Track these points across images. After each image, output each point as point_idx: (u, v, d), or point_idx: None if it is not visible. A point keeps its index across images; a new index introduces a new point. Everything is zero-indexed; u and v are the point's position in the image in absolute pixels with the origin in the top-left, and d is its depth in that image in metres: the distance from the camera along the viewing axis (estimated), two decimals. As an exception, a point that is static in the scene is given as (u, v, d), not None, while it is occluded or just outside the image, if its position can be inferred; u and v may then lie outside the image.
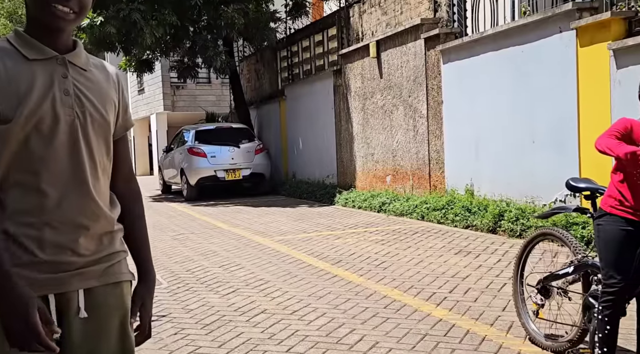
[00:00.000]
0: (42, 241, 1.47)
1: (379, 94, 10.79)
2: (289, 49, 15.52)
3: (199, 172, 13.57)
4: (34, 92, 1.46)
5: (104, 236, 1.58)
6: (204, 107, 21.28)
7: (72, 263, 1.51)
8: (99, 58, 1.70)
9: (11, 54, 1.48)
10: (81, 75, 1.56)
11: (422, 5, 9.93)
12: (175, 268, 6.27)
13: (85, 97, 1.54)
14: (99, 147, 1.57)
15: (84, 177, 1.52)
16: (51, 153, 1.48)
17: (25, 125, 1.45)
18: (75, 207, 1.51)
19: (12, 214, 1.46)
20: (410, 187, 9.97)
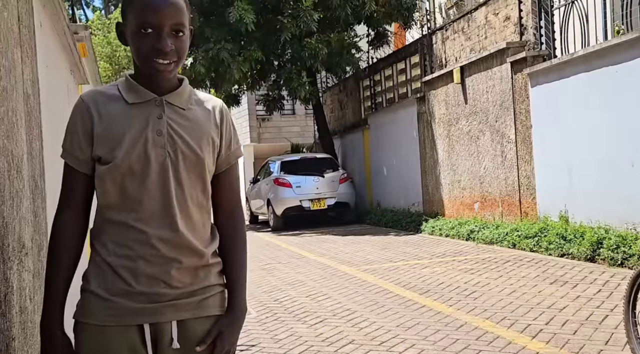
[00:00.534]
0: (137, 272, 1.54)
1: (464, 120, 10.60)
2: (371, 78, 15.59)
3: (285, 203, 13.74)
4: (128, 135, 1.55)
5: (198, 269, 1.62)
6: (289, 138, 21.65)
7: (165, 295, 1.56)
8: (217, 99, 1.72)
9: (116, 99, 1.59)
10: (178, 114, 1.61)
11: (507, 29, 9.75)
12: (264, 298, 6.32)
13: (178, 136, 1.59)
14: (192, 184, 1.61)
15: (173, 214, 1.57)
16: (144, 192, 1.56)
17: (121, 167, 1.54)
18: (166, 242, 1.56)
19: (112, 246, 1.56)
20: (499, 214, 9.68)
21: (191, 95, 1.67)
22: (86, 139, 1.57)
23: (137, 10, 1.54)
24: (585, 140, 7.75)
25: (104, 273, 1.55)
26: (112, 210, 1.57)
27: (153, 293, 1.55)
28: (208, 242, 1.66)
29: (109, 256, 1.55)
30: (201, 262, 1.62)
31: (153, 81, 1.60)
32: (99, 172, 1.56)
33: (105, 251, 1.56)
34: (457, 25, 11.37)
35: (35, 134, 2.69)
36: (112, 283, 1.54)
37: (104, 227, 1.58)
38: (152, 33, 1.54)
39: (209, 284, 1.64)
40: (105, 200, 1.57)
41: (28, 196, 2.36)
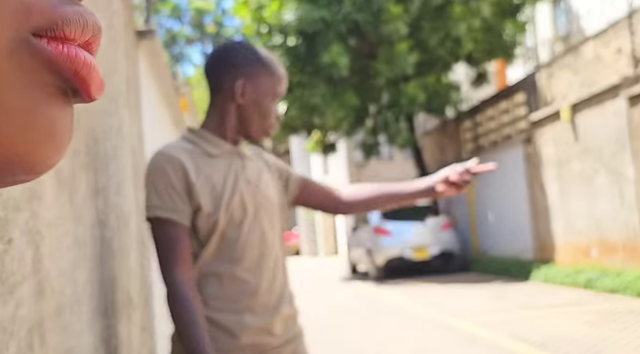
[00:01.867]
0: (244, 325, 1.55)
1: (576, 159, 10.00)
2: (472, 120, 15.19)
3: (386, 252, 13.40)
4: (226, 187, 1.59)
5: (291, 317, 1.67)
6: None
7: (269, 344, 1.59)
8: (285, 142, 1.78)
9: (198, 152, 1.61)
10: (251, 163, 1.69)
11: (619, 61, 9.18)
12: (367, 352, 6.04)
13: (260, 182, 1.67)
14: (279, 228, 1.69)
15: (271, 262, 1.63)
16: (246, 241, 1.59)
17: (224, 217, 1.56)
18: (267, 291, 1.60)
19: (214, 301, 1.56)
20: (620, 260, 8.93)
21: None
22: (185, 191, 1.55)
23: (275, 79, 1.63)
24: None
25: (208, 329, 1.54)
26: (211, 263, 1.57)
27: (259, 344, 1.57)
28: (290, 288, 1.71)
29: (211, 312, 1.55)
30: (292, 309, 1.68)
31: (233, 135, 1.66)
32: (198, 224, 1.56)
33: (208, 307, 1.55)
34: (563, 61, 10.87)
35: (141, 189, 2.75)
36: (217, 339, 1.54)
37: (202, 282, 1.57)
38: (275, 102, 1.66)
39: (297, 330, 1.69)
40: (204, 253, 1.57)
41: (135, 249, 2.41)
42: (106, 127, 1.81)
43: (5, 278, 0.88)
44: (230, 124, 1.65)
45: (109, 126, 1.87)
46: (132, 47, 3.10)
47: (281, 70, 1.66)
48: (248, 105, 1.63)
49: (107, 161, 1.82)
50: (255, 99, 1.62)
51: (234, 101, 1.64)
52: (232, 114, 1.64)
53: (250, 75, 1.62)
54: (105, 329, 1.58)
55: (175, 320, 1.49)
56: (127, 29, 2.85)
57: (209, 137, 1.63)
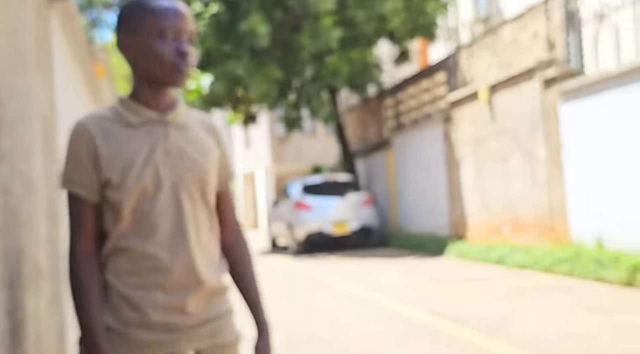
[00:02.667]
0: (154, 302, 1.51)
1: (492, 140, 10.32)
2: (394, 98, 15.39)
3: (306, 227, 13.47)
4: (138, 158, 1.52)
5: (212, 295, 1.60)
6: (310, 158, 21.50)
7: (181, 323, 1.54)
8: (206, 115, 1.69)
9: (117, 121, 1.55)
10: (182, 132, 1.59)
11: (535, 45, 9.50)
12: (283, 326, 6.07)
13: (187, 156, 1.57)
14: (203, 205, 1.60)
15: (188, 237, 1.55)
16: (158, 216, 1.52)
17: (134, 190, 1.50)
18: (183, 268, 1.53)
19: (125, 276, 1.52)
20: (530, 237, 9.34)
21: (188, 113, 1.65)
22: (92, 165, 1.51)
23: (155, 17, 1.53)
24: (620, 160, 7.44)
25: (116, 304, 1.51)
26: (124, 237, 1.52)
27: (170, 322, 1.52)
28: (218, 265, 1.64)
29: (122, 286, 1.51)
30: (214, 287, 1.60)
31: (156, 98, 1.57)
32: (109, 197, 1.51)
33: (118, 280, 1.52)
34: (483, 42, 11.14)
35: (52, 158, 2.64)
36: (127, 314, 1.51)
37: (114, 256, 1.53)
38: (172, 39, 1.53)
39: (221, 310, 1.62)
40: (117, 227, 1.52)
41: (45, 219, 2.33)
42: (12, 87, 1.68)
43: None
44: (141, 86, 1.58)
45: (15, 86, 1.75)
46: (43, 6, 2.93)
47: (163, 4, 1.55)
48: (140, 56, 1.55)
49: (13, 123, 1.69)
50: (142, 46, 1.54)
51: (130, 60, 1.58)
52: (137, 74, 1.58)
53: (130, 26, 1.55)
54: (9, 302, 1.51)
55: (72, 297, 1.50)
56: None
57: (131, 105, 1.56)
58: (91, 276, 1.51)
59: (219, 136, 1.69)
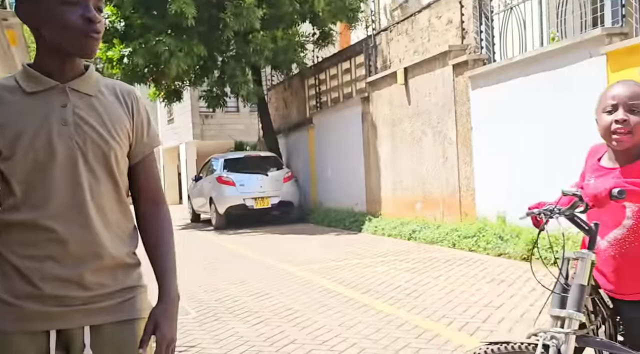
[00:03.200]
0: (45, 274, 1.43)
1: (408, 121, 10.75)
2: (316, 77, 15.63)
3: (228, 201, 13.61)
4: (29, 127, 1.44)
5: (116, 270, 1.51)
6: (233, 135, 21.49)
7: (77, 298, 1.46)
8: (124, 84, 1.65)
9: (12, 90, 1.47)
10: (85, 101, 1.50)
11: (449, 32, 9.94)
12: (204, 298, 6.24)
13: (87, 125, 1.49)
14: (107, 176, 1.51)
15: (86, 209, 1.47)
16: (51, 187, 1.45)
17: (24, 161, 1.43)
18: (79, 240, 1.46)
19: (16, 247, 1.45)
20: (440, 214, 9.86)
21: (99, 81, 1.56)
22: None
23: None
24: (522, 142, 7.99)
25: (6, 274, 1.44)
26: (17, 208, 1.45)
27: (63, 296, 1.44)
28: (128, 239, 1.56)
29: (12, 256, 1.44)
30: (118, 261, 1.51)
31: (63, 65, 1.48)
32: (1, 168, 1.44)
33: (9, 251, 1.44)
34: (401, 27, 11.51)
35: None
36: (17, 285, 1.43)
37: (7, 227, 1.45)
38: (77, 5, 1.44)
39: (128, 285, 1.53)
40: (9, 198, 1.45)
41: None
42: None
43: None
44: (46, 54, 1.49)
45: None
46: None
47: None
48: (42, 23, 1.45)
49: None
50: (44, 12, 1.44)
51: (32, 28, 1.48)
52: (40, 42, 1.49)
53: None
54: None
55: None
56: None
57: (31, 73, 1.48)
58: None
59: (134, 104, 1.59)
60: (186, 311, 5.61)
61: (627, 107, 2.04)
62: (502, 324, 4.60)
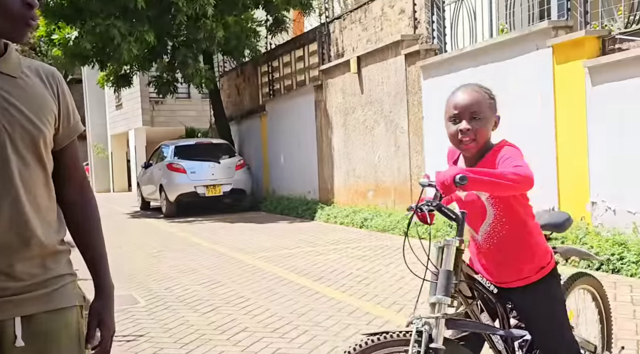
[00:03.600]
0: None
1: (360, 109, 10.81)
2: (269, 65, 15.53)
3: (179, 188, 13.44)
4: None
5: (46, 258, 1.47)
6: (184, 122, 21.19)
7: (6, 289, 1.40)
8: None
9: None
10: (10, 83, 1.43)
11: (402, 21, 10.00)
12: (153, 286, 6.17)
13: (14, 107, 1.41)
14: (35, 161, 1.45)
15: (16, 195, 1.41)
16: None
17: None
18: (9, 229, 1.40)
19: None
20: (392, 202, 9.97)
21: (20, 61, 1.48)
22: None
23: None
24: (472, 132, 8.12)
25: None
26: None
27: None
28: (56, 226, 1.51)
29: None
30: (49, 249, 1.47)
31: None
32: None
33: None
34: (354, 15, 11.53)
35: None
36: None
37: None
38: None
39: (58, 274, 1.49)
40: None
41: None
42: None
43: None
44: None
45: None
46: None
47: None
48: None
49: None
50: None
51: None
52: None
53: None
54: None
55: None
56: None
57: None
58: None
59: (59, 86, 1.53)
60: (135, 300, 5.53)
61: (469, 115, 2.20)
62: (451, 310, 4.69)
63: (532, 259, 2.22)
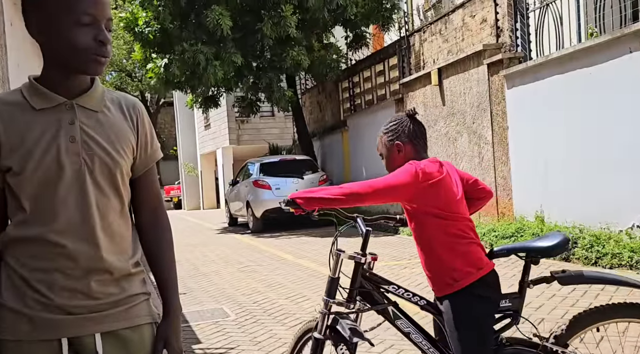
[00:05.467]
0: (54, 285, 1.47)
1: (442, 121, 10.69)
2: (350, 80, 15.64)
3: (264, 204, 13.71)
4: (39, 145, 1.46)
5: (121, 279, 1.56)
6: (268, 140, 21.63)
7: (85, 306, 1.50)
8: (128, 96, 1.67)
9: (21, 106, 1.48)
10: (92, 117, 1.52)
11: (483, 31, 9.85)
12: (242, 300, 6.31)
13: (94, 141, 1.51)
14: (112, 190, 1.54)
15: (93, 224, 1.50)
16: (60, 203, 1.48)
17: (33, 178, 1.46)
18: (86, 254, 1.49)
19: (25, 260, 1.48)
20: (477, 214, 9.77)
21: (104, 95, 1.57)
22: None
23: (72, 1, 1.43)
24: (560, 141, 7.86)
25: (17, 285, 1.48)
26: (25, 223, 1.48)
27: (72, 305, 1.48)
28: (130, 250, 1.60)
29: (22, 269, 1.47)
30: (123, 272, 1.55)
31: (68, 81, 1.50)
32: (10, 184, 1.47)
33: (18, 264, 1.48)
34: (434, 27, 11.45)
35: None
36: (28, 295, 1.47)
37: (16, 241, 1.49)
38: (90, 26, 1.45)
39: (132, 293, 1.58)
40: (18, 213, 1.49)
41: None
42: None
43: None
44: (52, 69, 1.50)
45: None
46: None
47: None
48: (52, 40, 1.46)
49: None
50: (57, 32, 1.44)
51: (40, 42, 1.49)
52: (47, 57, 1.50)
53: (40, 7, 1.45)
54: None
55: None
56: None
57: (38, 89, 1.49)
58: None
59: (138, 117, 1.61)
60: (226, 313, 5.68)
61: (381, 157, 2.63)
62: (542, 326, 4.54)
63: (439, 272, 2.38)
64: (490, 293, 2.36)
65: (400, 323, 2.57)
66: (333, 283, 2.61)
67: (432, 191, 2.32)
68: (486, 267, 2.36)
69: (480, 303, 2.33)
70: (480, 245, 2.40)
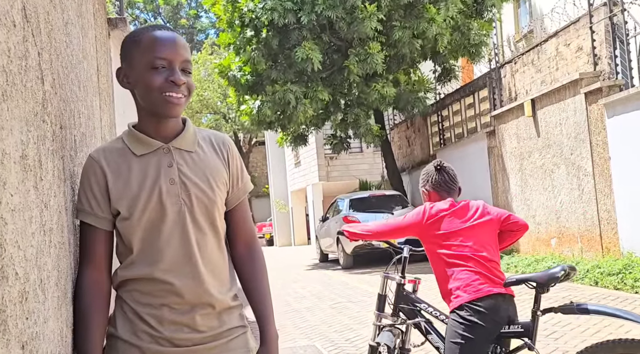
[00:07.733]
0: (163, 319, 1.56)
1: (537, 153, 10.28)
2: (439, 114, 15.44)
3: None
4: (143, 189, 1.55)
5: (222, 313, 1.63)
6: (357, 175, 21.62)
7: (191, 339, 1.58)
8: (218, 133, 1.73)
9: (124, 153, 1.59)
10: (187, 158, 1.61)
11: (579, 59, 9.46)
12: (334, 337, 6.20)
13: (190, 181, 1.59)
14: (210, 227, 1.62)
15: (195, 261, 1.58)
16: (164, 243, 1.56)
17: (140, 221, 1.55)
18: (191, 290, 1.57)
19: (136, 296, 1.58)
20: (579, 250, 9.24)
21: (196, 135, 1.66)
22: (103, 196, 1.56)
23: (147, 47, 1.55)
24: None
25: (130, 319, 1.57)
26: (134, 264, 1.58)
27: (179, 338, 1.56)
28: (229, 284, 1.67)
29: (134, 304, 1.57)
30: (224, 305, 1.63)
31: (159, 124, 1.59)
32: (119, 228, 1.58)
33: (131, 299, 1.58)
34: (526, 58, 11.14)
35: None
36: (138, 328, 1.56)
37: (128, 280, 1.59)
38: (164, 69, 1.54)
39: (232, 326, 1.65)
40: (127, 255, 1.59)
41: None
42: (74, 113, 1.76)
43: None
44: (144, 116, 1.61)
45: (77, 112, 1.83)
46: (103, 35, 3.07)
47: (154, 34, 1.56)
48: (137, 87, 1.57)
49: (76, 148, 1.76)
50: (137, 77, 1.56)
51: (131, 92, 1.62)
52: (137, 104, 1.61)
53: (125, 57, 1.58)
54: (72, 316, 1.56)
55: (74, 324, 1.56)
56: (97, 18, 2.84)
57: (136, 136, 1.60)
58: (94, 305, 1.56)
59: (229, 152, 1.69)
60: (318, 351, 5.60)
61: None
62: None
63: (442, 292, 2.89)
64: (478, 318, 2.66)
65: (431, 338, 3.04)
66: (380, 299, 3.17)
67: (433, 227, 2.87)
68: (480, 293, 2.69)
69: (466, 326, 2.68)
70: (480, 272, 2.75)
